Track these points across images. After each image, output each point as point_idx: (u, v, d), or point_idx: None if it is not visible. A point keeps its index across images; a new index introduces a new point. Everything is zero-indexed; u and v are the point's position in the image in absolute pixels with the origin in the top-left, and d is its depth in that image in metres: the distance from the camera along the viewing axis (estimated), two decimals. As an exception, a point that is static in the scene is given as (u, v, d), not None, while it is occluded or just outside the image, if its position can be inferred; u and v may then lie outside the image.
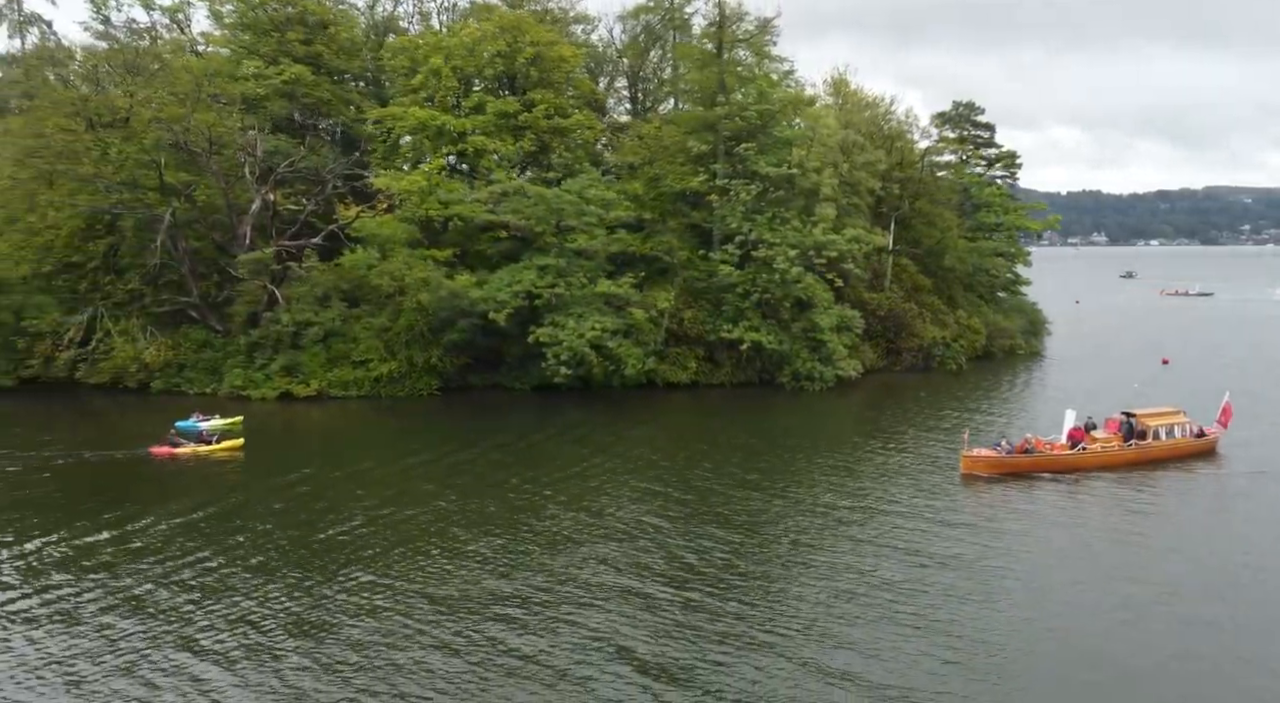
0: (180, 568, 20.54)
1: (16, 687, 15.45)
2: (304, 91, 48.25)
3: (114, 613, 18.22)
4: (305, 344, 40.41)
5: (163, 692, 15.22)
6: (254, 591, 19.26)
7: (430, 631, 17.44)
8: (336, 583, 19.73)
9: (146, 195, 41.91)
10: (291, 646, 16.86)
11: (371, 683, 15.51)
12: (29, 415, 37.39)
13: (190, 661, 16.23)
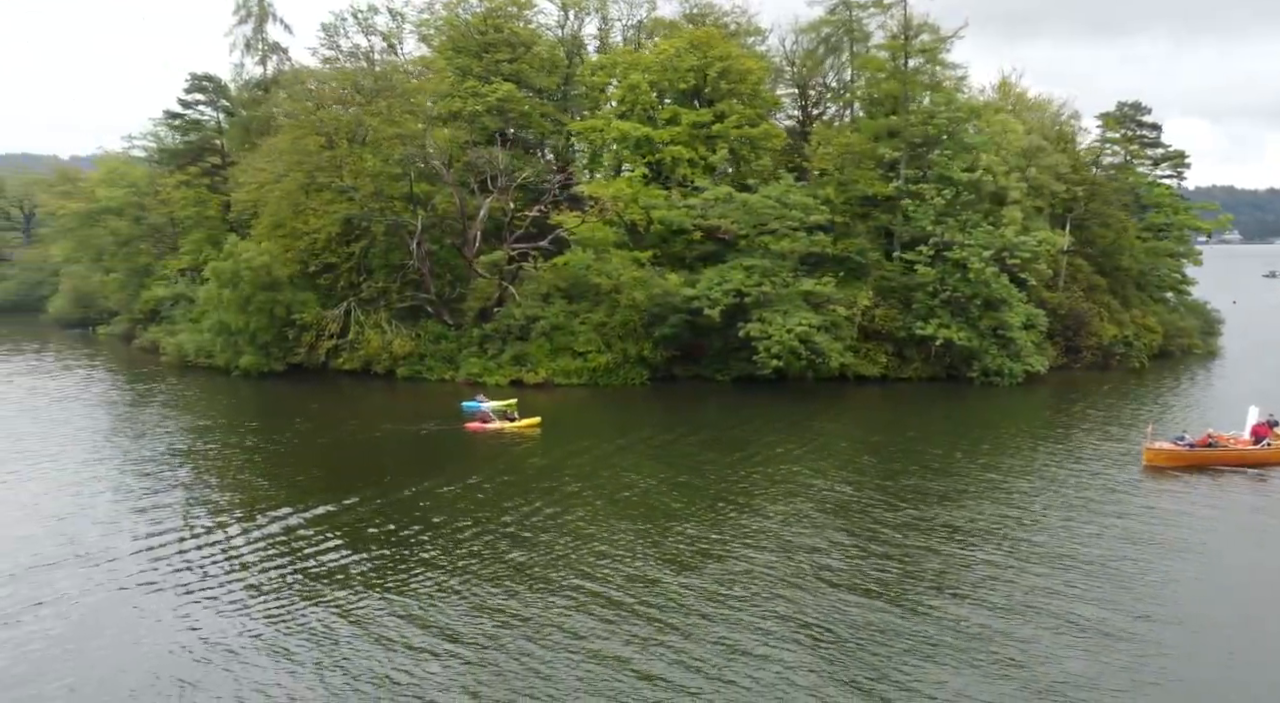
0: (515, 520, 24.72)
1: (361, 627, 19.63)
2: (512, 108, 53.10)
3: (479, 557, 22.40)
4: (532, 337, 45.02)
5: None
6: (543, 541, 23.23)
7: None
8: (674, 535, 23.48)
9: (393, 204, 47.26)
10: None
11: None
12: (322, 395, 43.36)
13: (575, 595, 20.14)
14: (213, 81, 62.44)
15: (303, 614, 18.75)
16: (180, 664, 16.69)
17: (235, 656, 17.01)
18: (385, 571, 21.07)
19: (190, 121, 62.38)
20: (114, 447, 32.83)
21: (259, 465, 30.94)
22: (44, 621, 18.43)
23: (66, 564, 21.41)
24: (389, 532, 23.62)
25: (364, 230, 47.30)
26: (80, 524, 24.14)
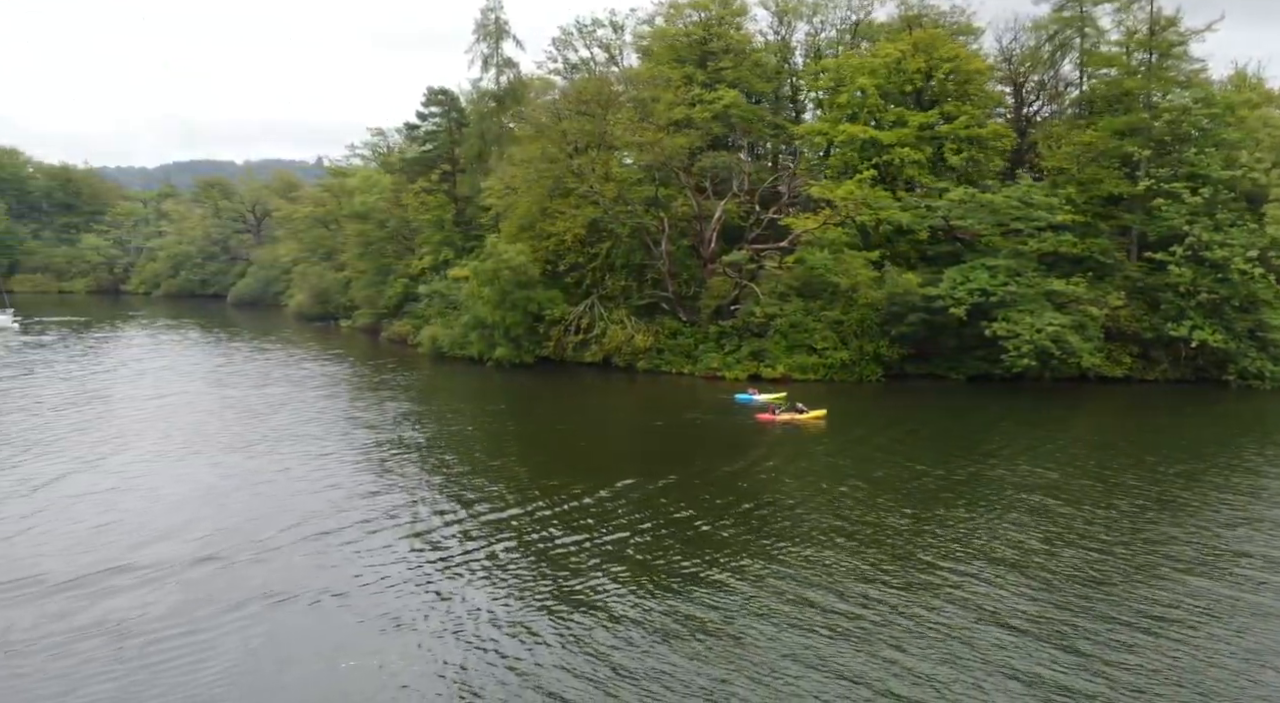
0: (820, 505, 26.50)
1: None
2: (735, 113, 55.29)
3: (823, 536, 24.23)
4: (770, 333, 47.03)
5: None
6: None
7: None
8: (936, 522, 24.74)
9: (634, 208, 50.32)
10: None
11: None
12: (577, 385, 46.86)
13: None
14: (447, 95, 67.85)
15: (586, 598, 18.96)
16: (457, 650, 16.74)
17: (534, 638, 17.20)
18: (672, 551, 22.12)
19: (427, 132, 68.03)
20: (403, 428, 35.78)
21: (551, 449, 34.09)
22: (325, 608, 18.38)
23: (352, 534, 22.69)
24: (687, 514, 24.73)
25: (608, 232, 50.52)
26: (380, 502, 25.47)
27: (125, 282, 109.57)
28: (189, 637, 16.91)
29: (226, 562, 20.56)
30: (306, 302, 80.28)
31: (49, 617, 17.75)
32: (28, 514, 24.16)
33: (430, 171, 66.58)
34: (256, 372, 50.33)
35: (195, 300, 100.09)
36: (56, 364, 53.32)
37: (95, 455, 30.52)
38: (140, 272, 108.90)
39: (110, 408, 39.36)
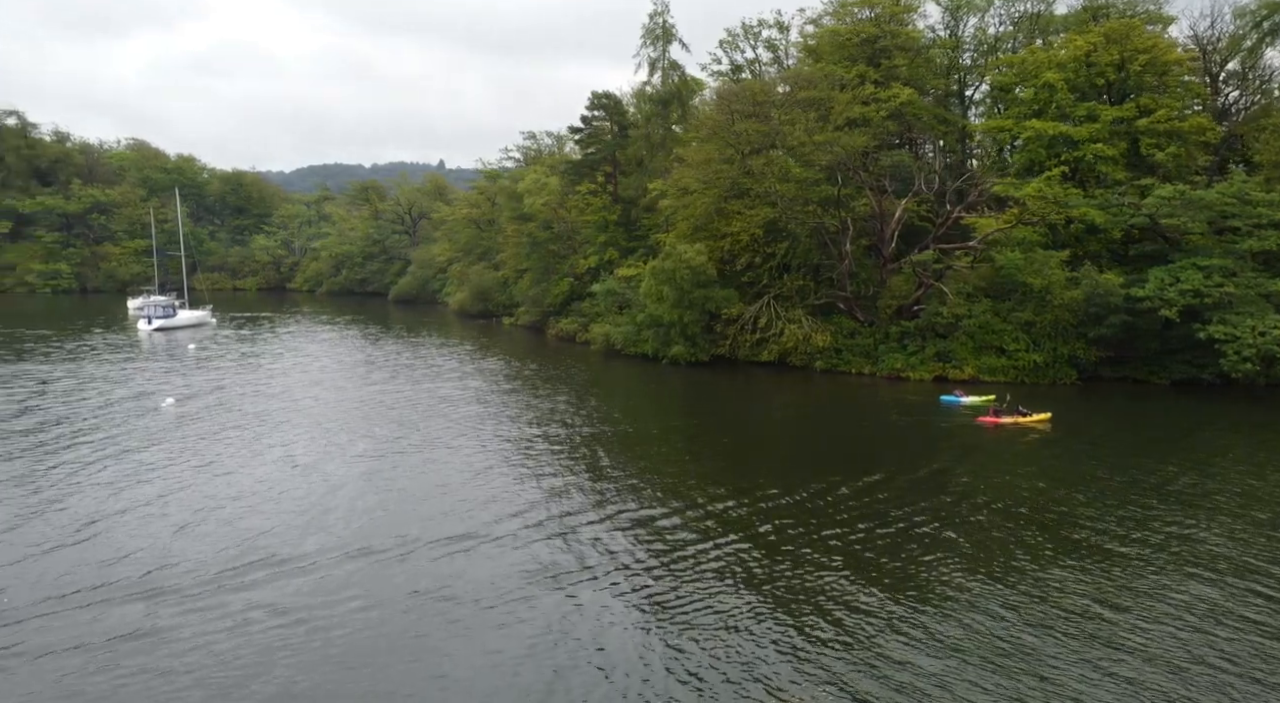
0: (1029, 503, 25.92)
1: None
2: (910, 111, 54.53)
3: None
4: (956, 334, 46.27)
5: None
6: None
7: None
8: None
9: (813, 208, 50.38)
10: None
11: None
12: (757, 384, 47.25)
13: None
14: (611, 98, 69.45)
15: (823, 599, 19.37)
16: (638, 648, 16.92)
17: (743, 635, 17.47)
18: (900, 553, 22.50)
19: (590, 135, 69.83)
20: (586, 423, 36.86)
21: (744, 447, 34.64)
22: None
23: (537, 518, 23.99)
24: (901, 513, 24.94)
25: (786, 232, 50.73)
26: (583, 496, 26.33)
27: (290, 279, 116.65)
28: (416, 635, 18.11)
29: (437, 553, 21.66)
30: (467, 299, 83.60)
31: (309, 591, 19.32)
32: (268, 492, 26.39)
33: (594, 173, 68.38)
34: (438, 366, 52.87)
35: (355, 297, 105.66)
36: (261, 355, 57.50)
37: (323, 439, 33.01)
38: (304, 270, 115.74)
39: (317, 396, 42.27)
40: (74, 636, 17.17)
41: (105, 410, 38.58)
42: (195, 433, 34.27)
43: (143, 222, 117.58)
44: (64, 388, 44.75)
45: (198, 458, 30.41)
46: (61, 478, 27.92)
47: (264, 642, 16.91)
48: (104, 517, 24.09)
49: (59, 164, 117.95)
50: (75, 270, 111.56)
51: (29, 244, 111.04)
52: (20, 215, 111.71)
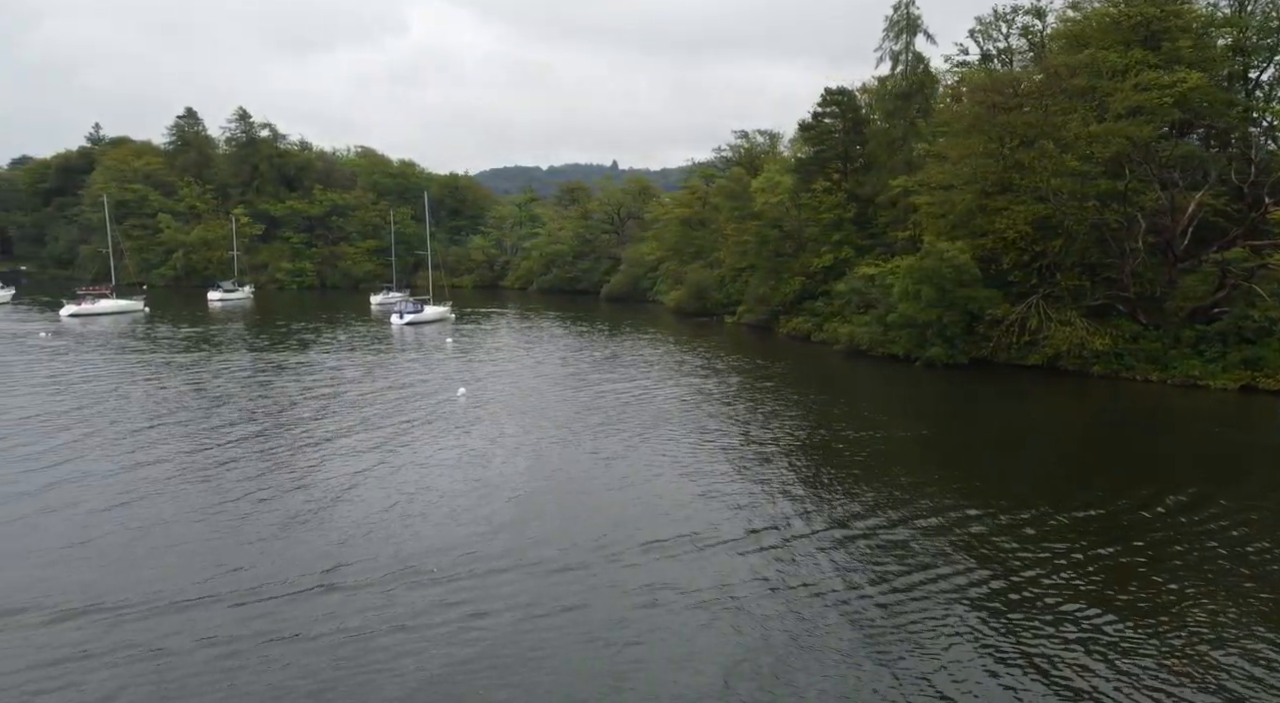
0: None
1: None
2: (1198, 97, 50.05)
3: None
4: (1269, 339, 42.08)
5: None
6: None
7: None
8: None
9: (1090, 204, 47.30)
10: None
11: None
12: (1029, 390, 44.95)
13: None
14: (845, 94, 68.23)
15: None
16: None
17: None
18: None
19: (821, 133, 68.88)
20: (835, 427, 35.97)
21: (1021, 457, 32.67)
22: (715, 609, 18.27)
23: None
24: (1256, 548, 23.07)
25: (1060, 229, 47.92)
26: (840, 506, 25.73)
27: (502, 278, 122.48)
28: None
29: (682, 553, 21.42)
30: (684, 298, 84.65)
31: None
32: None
33: (826, 170, 67.42)
34: (674, 364, 53.55)
35: (565, 295, 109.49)
36: (506, 348, 60.50)
37: (567, 431, 34.02)
38: (515, 269, 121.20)
39: (565, 394, 43.76)
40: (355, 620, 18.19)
41: (408, 400, 41.60)
42: (490, 420, 36.35)
43: (373, 223, 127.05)
44: (352, 376, 48.78)
45: (503, 445, 32.17)
46: (410, 461, 30.27)
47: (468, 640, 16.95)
48: (428, 500, 25.82)
49: (303, 171, 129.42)
50: (316, 268, 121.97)
51: (278, 244, 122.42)
52: (271, 218, 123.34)
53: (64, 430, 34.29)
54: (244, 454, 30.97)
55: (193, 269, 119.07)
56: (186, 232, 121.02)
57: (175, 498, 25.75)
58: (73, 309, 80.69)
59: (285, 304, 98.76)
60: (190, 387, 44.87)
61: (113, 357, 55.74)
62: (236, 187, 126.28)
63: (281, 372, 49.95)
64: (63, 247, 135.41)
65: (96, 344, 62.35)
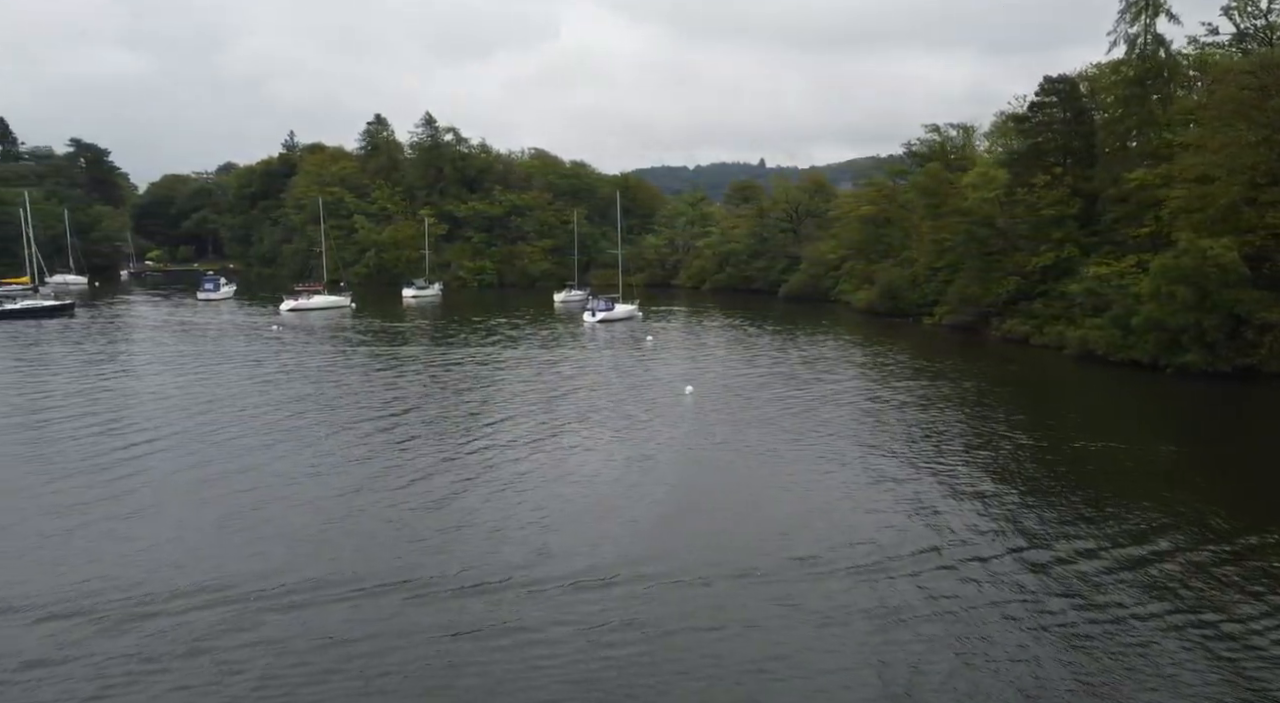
0: None
1: None
2: None
3: None
4: None
5: None
6: None
7: None
8: None
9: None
10: None
11: None
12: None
13: None
14: (1067, 82, 64.00)
15: None
16: None
17: None
18: None
19: (1040, 124, 64.88)
20: (1071, 438, 33.51)
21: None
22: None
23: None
24: None
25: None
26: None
27: (674, 276, 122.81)
28: None
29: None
30: (874, 297, 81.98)
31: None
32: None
33: (1044, 162, 63.39)
34: (879, 367, 51.52)
35: (739, 294, 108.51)
36: (704, 346, 60.13)
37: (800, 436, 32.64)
38: (688, 267, 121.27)
39: (780, 393, 42.53)
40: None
41: (633, 395, 41.81)
42: (722, 420, 35.85)
43: (549, 223, 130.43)
44: (569, 372, 49.70)
45: (737, 449, 31.54)
46: (637, 454, 30.16)
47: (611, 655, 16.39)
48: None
49: (484, 173, 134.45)
50: (496, 267, 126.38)
51: (461, 244, 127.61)
52: (454, 218, 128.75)
53: (300, 415, 36.48)
54: (494, 446, 31.82)
55: (383, 267, 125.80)
56: (379, 231, 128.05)
57: (399, 489, 26.54)
58: (290, 304, 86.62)
59: (471, 301, 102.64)
60: (419, 379, 46.92)
61: (342, 347, 59.31)
62: (422, 188, 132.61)
63: (499, 366, 51.58)
64: (267, 246, 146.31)
65: (321, 336, 66.63)
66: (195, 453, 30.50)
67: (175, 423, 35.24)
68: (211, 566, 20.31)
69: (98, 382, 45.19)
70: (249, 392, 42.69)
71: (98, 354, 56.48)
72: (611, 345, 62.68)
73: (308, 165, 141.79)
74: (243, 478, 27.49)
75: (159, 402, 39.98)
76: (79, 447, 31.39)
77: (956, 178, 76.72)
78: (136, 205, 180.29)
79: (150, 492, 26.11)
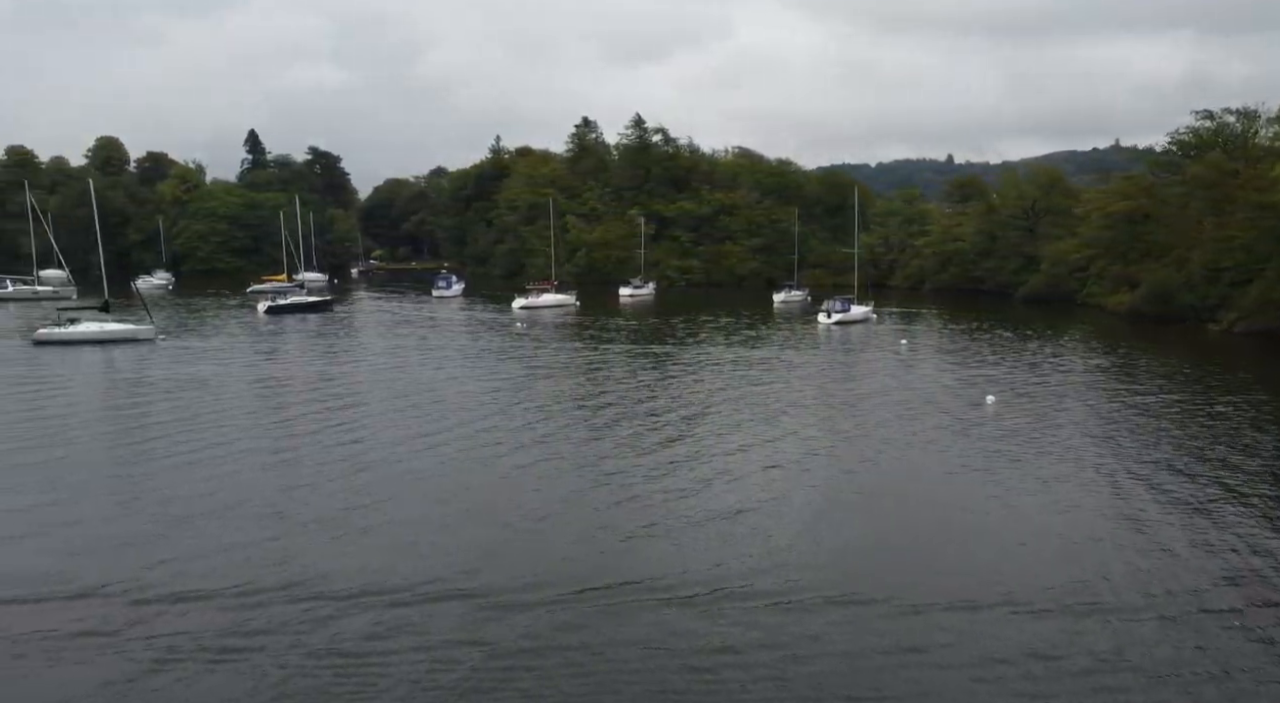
0: None
1: None
2: None
3: None
4: None
5: None
6: None
7: None
8: None
9: None
10: None
11: None
12: None
13: None
14: None
15: None
16: None
17: None
18: None
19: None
20: None
21: None
22: None
23: None
24: None
25: None
26: None
27: (889, 276, 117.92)
28: None
29: None
30: (1140, 300, 74.79)
31: None
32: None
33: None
34: (1190, 379, 45.96)
35: (967, 295, 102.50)
36: (963, 352, 56.08)
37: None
38: (905, 267, 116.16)
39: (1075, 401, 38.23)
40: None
41: (923, 404, 39.25)
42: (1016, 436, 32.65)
43: (757, 222, 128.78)
44: (835, 376, 47.70)
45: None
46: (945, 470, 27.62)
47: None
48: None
49: (690, 173, 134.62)
50: (703, 266, 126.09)
51: (668, 243, 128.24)
52: (661, 218, 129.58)
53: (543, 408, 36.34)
54: (794, 457, 30.30)
55: (593, 266, 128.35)
56: (589, 231, 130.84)
57: (627, 488, 25.48)
58: (522, 302, 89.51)
59: (684, 300, 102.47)
60: (660, 377, 46.39)
61: (594, 345, 60.13)
62: (630, 188, 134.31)
63: (746, 366, 50.37)
64: (481, 247, 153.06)
65: (566, 333, 68.10)
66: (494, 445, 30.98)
67: (484, 414, 36.26)
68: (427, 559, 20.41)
69: (395, 373, 47.65)
70: (536, 387, 43.68)
71: (372, 346, 60.14)
72: (864, 348, 60.17)
73: (519, 168, 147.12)
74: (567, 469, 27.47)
75: (460, 392, 41.61)
76: (421, 422, 32.69)
77: (1246, 169, 68.61)
78: (360, 208, 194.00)
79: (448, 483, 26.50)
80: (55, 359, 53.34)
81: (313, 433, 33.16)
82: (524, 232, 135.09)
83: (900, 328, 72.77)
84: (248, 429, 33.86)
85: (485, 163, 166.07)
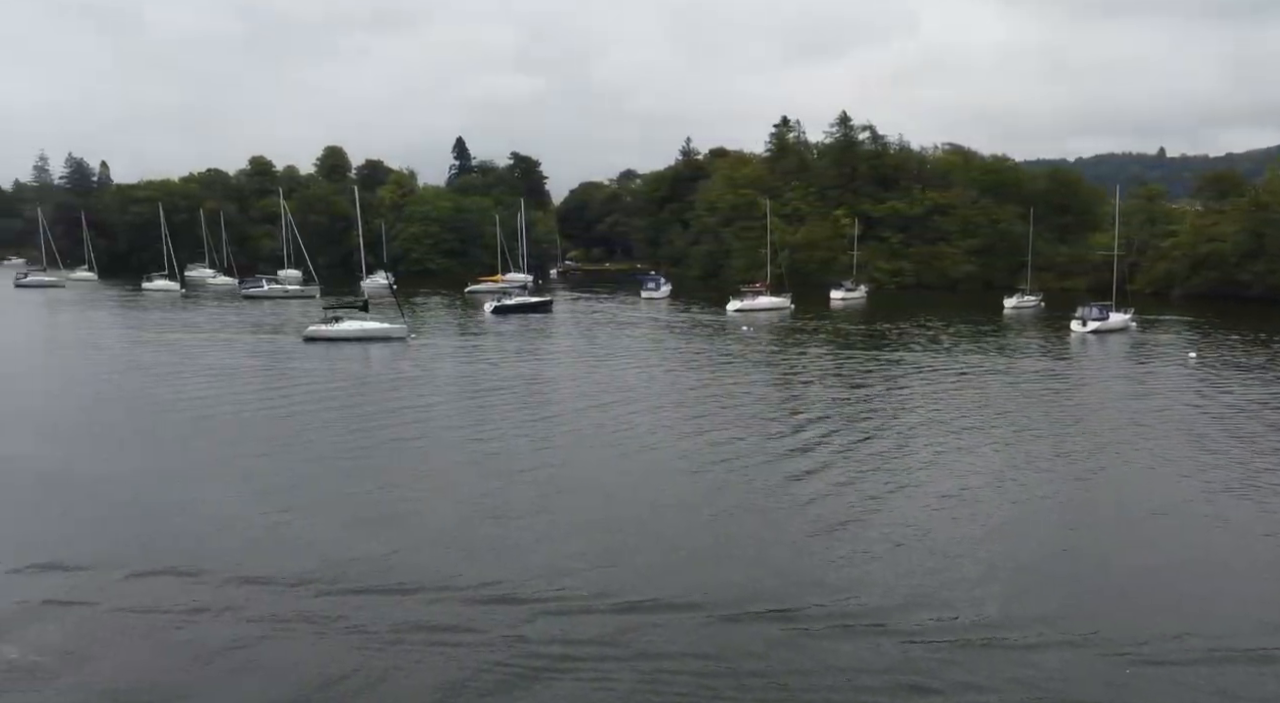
0: None
1: None
2: None
3: None
4: None
5: None
6: None
7: None
8: None
9: None
10: None
11: None
12: None
13: None
14: None
15: None
16: None
17: None
18: None
19: None
20: None
21: None
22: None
23: None
24: None
25: None
26: None
27: (1128, 280, 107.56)
28: None
29: None
30: None
31: None
32: None
33: None
34: None
35: (1225, 301, 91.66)
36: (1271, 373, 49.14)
37: None
38: (1148, 271, 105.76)
39: None
40: None
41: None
42: None
43: (974, 222, 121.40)
44: (1117, 392, 42.76)
45: None
46: None
47: None
48: None
49: (899, 171, 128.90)
50: (914, 268, 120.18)
51: (876, 244, 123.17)
52: (870, 219, 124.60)
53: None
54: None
55: (796, 268, 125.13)
56: (792, 232, 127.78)
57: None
58: (737, 305, 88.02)
59: (899, 303, 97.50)
60: (927, 385, 43.04)
61: (826, 351, 57.54)
62: (835, 188, 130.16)
63: (1006, 376, 46.14)
64: (677, 248, 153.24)
65: (795, 338, 65.87)
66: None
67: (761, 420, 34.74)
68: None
69: (639, 371, 47.29)
70: (802, 395, 41.85)
71: (610, 346, 60.36)
72: (1138, 361, 54.35)
73: (719, 169, 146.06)
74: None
75: (725, 394, 40.43)
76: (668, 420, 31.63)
77: None
78: (557, 211, 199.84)
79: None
80: (323, 353, 56.83)
81: (596, 431, 33.00)
82: (724, 233, 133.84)
83: (1170, 338, 65.51)
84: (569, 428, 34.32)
85: (679, 165, 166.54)
